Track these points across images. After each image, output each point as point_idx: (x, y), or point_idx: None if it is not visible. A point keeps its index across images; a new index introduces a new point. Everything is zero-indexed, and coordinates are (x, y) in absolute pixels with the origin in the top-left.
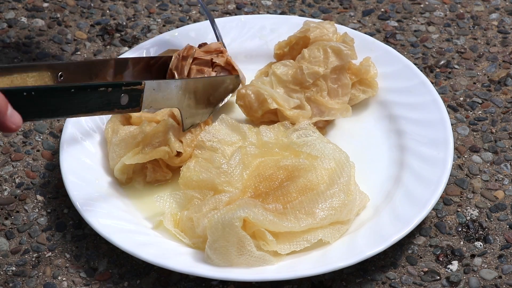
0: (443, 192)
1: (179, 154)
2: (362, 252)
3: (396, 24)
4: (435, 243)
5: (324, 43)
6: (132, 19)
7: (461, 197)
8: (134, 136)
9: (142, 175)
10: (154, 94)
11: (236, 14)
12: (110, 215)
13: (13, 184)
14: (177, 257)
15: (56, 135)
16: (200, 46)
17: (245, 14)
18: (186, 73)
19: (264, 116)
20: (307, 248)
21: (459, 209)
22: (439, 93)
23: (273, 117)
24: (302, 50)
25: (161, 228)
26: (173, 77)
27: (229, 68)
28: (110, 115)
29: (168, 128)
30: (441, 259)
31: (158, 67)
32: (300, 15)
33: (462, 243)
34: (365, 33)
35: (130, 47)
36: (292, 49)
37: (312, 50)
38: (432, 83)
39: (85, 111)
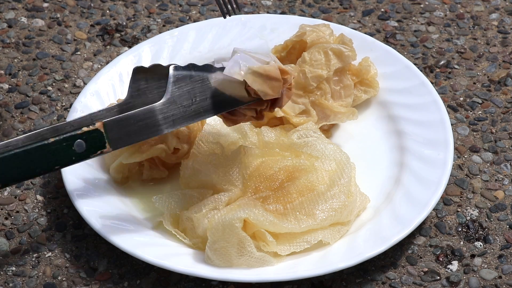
0: (443, 192)
1: (175, 151)
2: (362, 253)
3: (396, 24)
4: (435, 243)
5: (324, 45)
6: (132, 19)
7: (461, 197)
8: None
9: (138, 173)
10: (127, 127)
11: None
12: (110, 215)
13: None
14: (177, 257)
15: None
16: None
17: (245, 14)
18: None
19: (269, 122)
20: (307, 249)
21: (459, 209)
22: (439, 93)
23: (278, 122)
24: (302, 54)
25: (161, 228)
26: None
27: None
28: None
29: None
30: (441, 259)
31: None
32: (300, 15)
33: (462, 243)
34: (365, 33)
35: (130, 47)
36: (289, 53)
37: (313, 53)
38: (432, 83)
39: (31, 174)
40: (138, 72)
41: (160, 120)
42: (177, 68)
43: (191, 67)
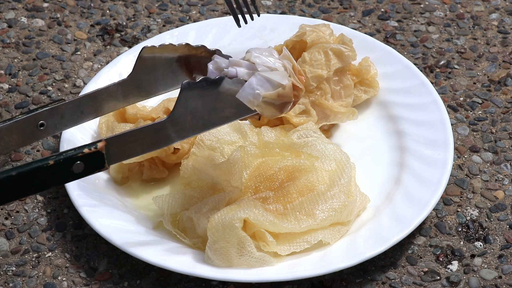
0: (443, 192)
1: (175, 151)
2: (362, 253)
3: (396, 24)
4: (435, 243)
5: (324, 45)
6: (132, 19)
7: (461, 197)
8: None
9: (138, 173)
10: (127, 144)
11: None
12: (110, 215)
13: None
14: (177, 257)
15: (56, 135)
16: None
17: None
18: None
19: (269, 122)
20: (307, 249)
21: (459, 209)
22: (439, 93)
23: (278, 122)
24: (302, 54)
25: (161, 228)
26: None
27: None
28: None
29: None
30: (441, 259)
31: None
32: (300, 15)
33: (462, 243)
34: (365, 33)
35: (130, 47)
36: None
37: (313, 53)
38: (432, 83)
39: (24, 194)
40: (147, 51)
41: (164, 136)
42: (189, 84)
43: (204, 81)
